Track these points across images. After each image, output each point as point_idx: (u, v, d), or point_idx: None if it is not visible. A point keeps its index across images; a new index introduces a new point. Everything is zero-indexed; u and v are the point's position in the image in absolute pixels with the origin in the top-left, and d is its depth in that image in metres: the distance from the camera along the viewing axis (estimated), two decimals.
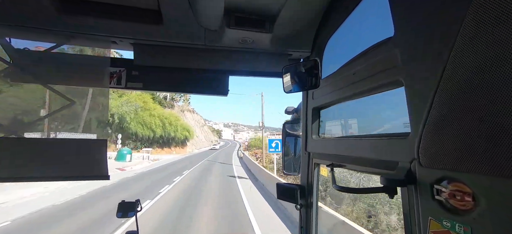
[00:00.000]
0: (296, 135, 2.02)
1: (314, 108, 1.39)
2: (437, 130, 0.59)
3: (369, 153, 0.88)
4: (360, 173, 4.57)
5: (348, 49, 1.12)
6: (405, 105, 0.75)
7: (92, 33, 1.20)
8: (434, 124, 0.60)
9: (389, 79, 0.78)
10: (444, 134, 0.57)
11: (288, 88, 1.28)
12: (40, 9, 1.04)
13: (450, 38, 0.55)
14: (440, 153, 0.58)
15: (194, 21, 1.12)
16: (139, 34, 1.23)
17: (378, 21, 0.96)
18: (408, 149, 0.69)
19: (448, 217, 0.56)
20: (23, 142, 1.22)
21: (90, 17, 1.10)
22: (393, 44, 0.76)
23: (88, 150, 1.24)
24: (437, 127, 0.59)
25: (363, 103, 1.06)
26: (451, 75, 0.55)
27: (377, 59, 0.84)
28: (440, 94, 0.58)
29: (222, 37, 1.21)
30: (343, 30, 1.13)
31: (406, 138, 0.71)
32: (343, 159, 1.08)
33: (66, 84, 1.36)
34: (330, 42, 1.23)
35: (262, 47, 1.34)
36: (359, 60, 0.96)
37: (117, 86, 1.37)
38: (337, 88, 1.14)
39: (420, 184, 0.64)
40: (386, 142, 0.81)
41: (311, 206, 1.41)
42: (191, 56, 1.33)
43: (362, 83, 0.92)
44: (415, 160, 0.66)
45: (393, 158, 0.76)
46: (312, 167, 1.40)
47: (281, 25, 1.13)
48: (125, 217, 1.90)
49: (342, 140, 1.16)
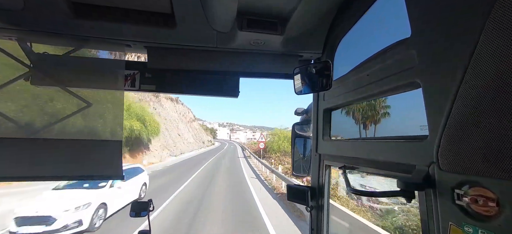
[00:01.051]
0: (305, 136, 2.01)
1: (325, 110, 1.37)
2: (458, 133, 0.57)
3: (384, 156, 0.87)
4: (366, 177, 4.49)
5: (361, 50, 1.10)
6: (421, 108, 0.73)
7: (107, 36, 1.23)
8: (455, 126, 0.58)
9: (405, 81, 0.77)
10: (466, 137, 0.55)
11: (299, 89, 1.27)
12: (58, 14, 1.08)
13: (472, 37, 0.53)
14: (462, 156, 0.56)
15: (206, 24, 1.14)
16: (153, 38, 1.25)
17: (393, 21, 0.95)
18: (425, 152, 0.68)
19: (470, 222, 0.55)
20: (42, 143, 1.27)
21: (105, 21, 1.13)
22: (409, 45, 0.75)
23: (103, 150, 1.28)
24: (459, 130, 0.57)
25: (376, 105, 1.04)
26: (474, 76, 0.53)
27: (392, 61, 0.83)
28: (462, 95, 0.56)
29: (234, 40, 1.22)
30: (355, 31, 1.12)
31: (423, 141, 0.69)
32: (356, 161, 1.06)
33: (83, 87, 1.40)
34: (342, 43, 1.22)
35: (273, 49, 1.34)
36: (373, 62, 0.94)
37: (131, 88, 1.41)
38: (349, 90, 1.12)
39: (439, 188, 0.63)
40: (402, 144, 0.80)
41: (321, 208, 1.40)
42: (203, 59, 1.35)
43: (377, 85, 0.91)
44: (433, 163, 0.64)
45: (410, 161, 0.74)
46: (323, 169, 1.39)
47: (292, 27, 1.13)
48: (138, 216, 1.94)
49: (355, 142, 1.15)
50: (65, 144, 1.26)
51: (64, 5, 1.04)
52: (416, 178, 0.69)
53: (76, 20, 1.11)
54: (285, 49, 1.34)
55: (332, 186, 5.92)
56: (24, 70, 1.30)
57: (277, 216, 8.03)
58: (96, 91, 1.46)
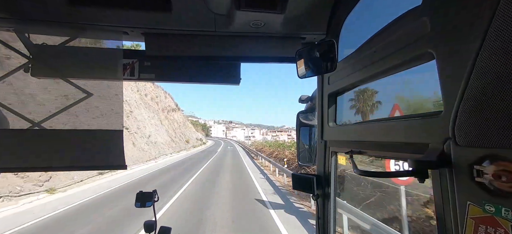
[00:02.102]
0: (310, 125, 1.96)
1: (330, 94, 1.32)
2: (478, 103, 0.52)
3: (393, 137, 0.81)
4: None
5: (367, 28, 1.03)
6: (432, 82, 0.67)
7: (103, 24, 1.20)
8: (474, 97, 0.52)
9: (417, 53, 0.71)
10: (488, 107, 0.50)
11: (302, 73, 1.22)
12: (53, 1, 1.06)
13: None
14: (483, 129, 0.51)
15: (203, 6, 1.09)
16: (150, 23, 1.22)
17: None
18: (440, 128, 0.62)
19: (492, 201, 0.49)
20: (44, 133, 1.27)
21: (101, 7, 1.10)
22: (420, 12, 0.68)
23: (104, 140, 1.27)
24: (478, 100, 0.51)
25: (383, 84, 0.98)
26: (495, 38, 0.47)
27: (401, 32, 0.76)
28: (481, 62, 0.50)
29: (233, 22, 1.17)
30: (361, 7, 1.05)
31: (437, 117, 0.64)
32: (364, 145, 1.01)
33: (82, 77, 1.39)
34: (347, 22, 1.15)
35: (275, 31, 1.28)
36: (380, 36, 0.88)
37: (130, 78, 1.39)
38: (355, 70, 1.06)
39: (456, 165, 0.57)
40: (413, 122, 0.74)
41: (328, 196, 1.36)
42: (202, 44, 1.30)
43: (384, 61, 0.85)
44: (449, 139, 0.59)
45: (422, 139, 0.69)
46: (329, 156, 1.34)
47: (294, 4, 1.07)
48: (143, 206, 1.95)
49: (362, 125, 1.09)
50: (67, 134, 1.25)
51: None
52: (429, 156, 0.63)
53: (72, 7, 1.08)
54: (287, 31, 1.28)
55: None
56: (23, 61, 1.30)
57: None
58: (96, 81, 1.45)
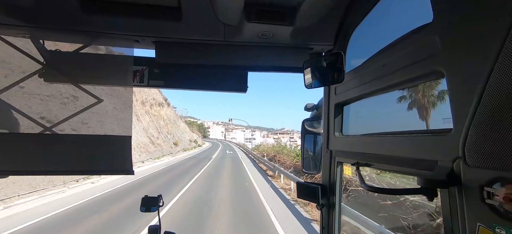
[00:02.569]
0: (315, 133, 1.96)
1: (337, 104, 1.32)
2: (489, 125, 0.52)
3: (401, 151, 0.81)
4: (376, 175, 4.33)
5: (376, 41, 1.04)
6: (442, 99, 0.68)
7: (116, 32, 1.24)
8: (486, 117, 0.52)
9: (426, 70, 0.71)
10: (499, 129, 0.50)
11: (309, 83, 1.23)
12: (68, 10, 1.09)
13: (504, 17, 0.48)
14: (494, 150, 0.51)
15: (213, 17, 1.11)
16: (160, 32, 1.24)
17: (411, 7, 0.88)
18: (449, 147, 0.62)
19: (503, 223, 0.49)
20: (54, 137, 1.29)
21: (114, 16, 1.13)
22: (431, 30, 0.69)
23: (113, 145, 1.29)
24: (490, 121, 0.52)
25: (392, 97, 0.98)
26: (508, 59, 0.48)
27: (411, 49, 0.77)
28: (493, 83, 0.51)
29: (242, 32, 1.19)
30: (370, 20, 1.06)
31: (446, 134, 0.64)
32: (370, 157, 1.01)
33: (93, 83, 1.42)
34: (355, 34, 1.16)
35: (282, 42, 1.30)
36: (389, 51, 0.89)
37: (139, 84, 1.41)
38: (363, 82, 1.07)
39: (466, 185, 0.57)
40: (422, 138, 0.74)
41: (333, 206, 1.35)
42: (210, 53, 1.33)
43: (393, 76, 0.85)
44: (459, 158, 0.59)
45: (431, 156, 0.69)
46: (334, 166, 1.34)
47: (302, 17, 1.08)
48: (148, 211, 1.97)
49: (369, 137, 1.09)
50: (77, 139, 1.28)
51: (74, 0, 1.04)
52: (438, 174, 0.63)
53: (86, 16, 1.12)
54: (295, 41, 1.29)
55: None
56: (37, 67, 1.33)
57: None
58: (106, 88, 1.48)
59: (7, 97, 1.37)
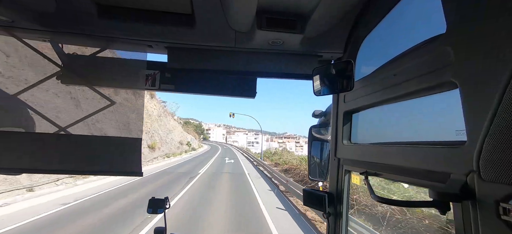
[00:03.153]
0: (323, 139, 1.95)
1: (346, 112, 1.32)
2: (505, 139, 0.51)
3: (412, 162, 0.80)
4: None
5: (387, 50, 1.04)
6: (455, 110, 0.67)
7: (130, 37, 1.28)
8: (501, 131, 0.52)
9: (439, 81, 0.70)
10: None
11: (318, 90, 1.23)
12: (86, 16, 1.14)
13: None
14: (510, 165, 0.50)
15: (225, 24, 1.14)
16: (173, 38, 1.28)
17: (423, 17, 0.88)
18: (463, 160, 0.61)
19: None
20: (67, 138, 1.34)
21: (129, 22, 1.18)
22: (445, 41, 0.69)
23: (123, 147, 1.32)
24: (506, 135, 0.51)
25: (403, 107, 0.97)
26: None
27: (423, 59, 0.76)
28: (509, 95, 0.50)
29: (252, 39, 1.21)
30: (380, 29, 1.06)
31: (460, 147, 0.63)
32: (379, 167, 1.00)
33: (107, 86, 1.47)
34: (366, 42, 1.16)
35: (292, 49, 1.31)
36: (401, 61, 0.88)
37: (151, 88, 1.45)
38: (373, 91, 1.06)
39: (480, 200, 0.56)
40: (434, 150, 0.73)
41: (340, 215, 1.33)
42: (220, 59, 1.35)
43: (404, 85, 0.85)
44: (473, 172, 0.58)
45: (443, 168, 0.68)
46: (342, 174, 1.33)
47: (313, 25, 1.09)
48: (155, 213, 1.99)
49: (378, 146, 1.08)
50: (90, 140, 1.32)
51: (93, 6, 1.09)
52: (451, 187, 0.62)
53: (103, 21, 1.16)
54: (304, 49, 1.30)
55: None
56: (55, 69, 1.39)
57: None
58: (118, 90, 1.53)
59: (24, 98, 1.43)
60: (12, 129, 1.45)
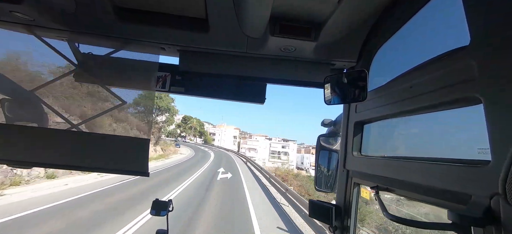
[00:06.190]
0: (331, 149, 1.90)
1: (357, 123, 1.28)
2: None
3: (428, 180, 0.76)
4: None
5: (402, 61, 1.01)
6: (477, 127, 0.63)
7: (144, 39, 1.30)
8: None
9: (460, 95, 0.67)
10: None
11: (328, 99, 1.21)
12: (104, 17, 1.17)
13: None
14: None
15: (238, 29, 1.14)
16: (186, 42, 1.29)
17: (444, 28, 0.85)
18: (486, 181, 0.57)
19: None
20: (80, 135, 1.36)
21: (144, 25, 1.20)
22: (468, 55, 0.65)
23: (132, 146, 1.33)
24: None
25: (419, 121, 0.93)
26: None
27: (444, 72, 0.73)
28: None
29: (264, 45, 1.21)
30: (396, 39, 1.03)
31: (483, 167, 0.59)
32: (392, 182, 0.95)
33: (119, 86, 1.50)
34: (380, 52, 1.13)
35: (304, 56, 1.29)
36: (418, 73, 0.85)
37: (161, 89, 1.46)
38: (387, 102, 1.03)
39: (505, 225, 0.52)
40: (453, 169, 0.69)
41: (347, 229, 1.28)
42: (232, 64, 1.35)
43: (422, 98, 0.81)
44: (498, 195, 0.54)
45: (463, 189, 0.64)
46: (351, 187, 1.28)
47: (327, 33, 1.08)
48: (158, 215, 1.99)
49: (390, 160, 1.04)
50: (100, 138, 1.34)
51: (110, 8, 1.12)
52: (473, 211, 0.58)
53: (119, 23, 1.19)
54: (317, 56, 1.29)
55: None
56: (71, 68, 1.43)
57: None
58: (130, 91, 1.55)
59: (41, 95, 1.47)
60: (26, 123, 1.49)
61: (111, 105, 1.47)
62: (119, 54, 1.44)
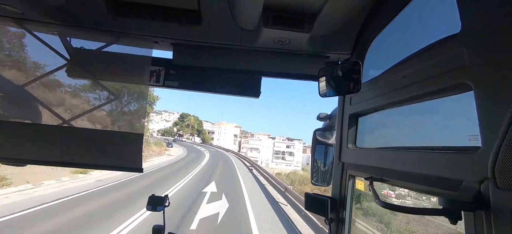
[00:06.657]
0: (327, 143, 1.91)
1: (352, 115, 1.28)
2: None
3: (420, 168, 0.77)
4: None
5: (396, 52, 1.01)
6: (468, 113, 0.63)
7: (137, 33, 1.28)
8: None
9: (451, 83, 0.67)
10: None
11: (323, 92, 1.21)
12: (95, 11, 1.15)
13: None
14: None
15: (231, 21, 1.13)
16: (179, 35, 1.28)
17: (435, 18, 0.85)
18: (476, 166, 0.57)
19: None
20: (72, 130, 1.34)
21: (136, 18, 1.18)
22: (459, 42, 0.66)
23: (125, 142, 1.32)
24: None
25: (412, 110, 0.94)
26: None
27: (435, 60, 0.73)
28: None
29: (258, 37, 1.20)
30: (390, 30, 1.03)
31: (473, 153, 0.59)
32: (385, 172, 0.96)
33: (112, 80, 1.48)
34: (374, 43, 1.13)
35: (298, 48, 1.29)
36: (411, 62, 0.85)
37: (155, 84, 1.45)
38: (381, 93, 1.03)
39: (495, 210, 0.53)
40: (444, 156, 0.70)
41: (343, 221, 1.29)
42: (226, 57, 1.34)
43: (414, 87, 0.82)
44: (488, 179, 0.54)
45: (455, 175, 0.64)
46: (346, 179, 1.29)
47: (320, 24, 1.07)
48: (154, 210, 1.98)
49: (384, 151, 1.05)
50: (92, 134, 1.32)
51: (102, 1, 1.10)
52: (464, 196, 0.59)
53: (111, 16, 1.17)
54: (311, 49, 1.28)
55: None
56: (62, 62, 1.40)
57: None
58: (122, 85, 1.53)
59: (32, 90, 1.45)
60: (18, 119, 1.46)
61: (104, 100, 1.46)
62: (112, 48, 1.42)
